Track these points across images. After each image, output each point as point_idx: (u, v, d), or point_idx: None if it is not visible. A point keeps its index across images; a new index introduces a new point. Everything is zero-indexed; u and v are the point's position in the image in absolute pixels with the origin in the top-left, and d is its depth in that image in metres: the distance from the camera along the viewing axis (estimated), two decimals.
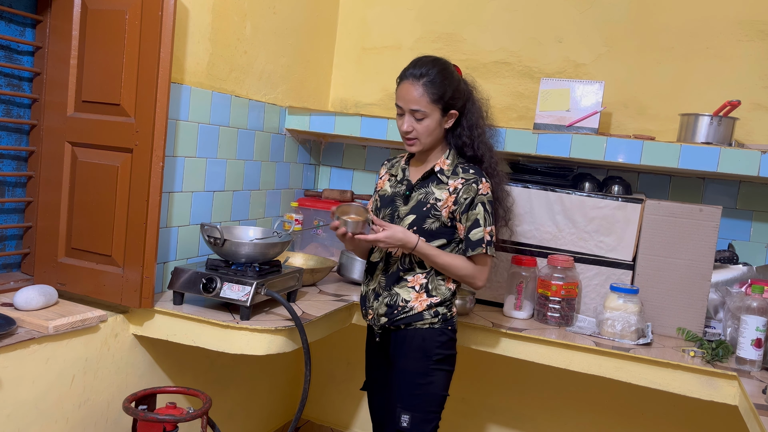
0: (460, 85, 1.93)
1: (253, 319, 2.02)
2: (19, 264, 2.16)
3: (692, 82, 2.63)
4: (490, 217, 1.91)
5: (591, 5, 2.77)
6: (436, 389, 1.94)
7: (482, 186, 1.91)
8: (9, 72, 2.03)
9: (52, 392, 1.87)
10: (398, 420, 1.91)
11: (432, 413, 1.94)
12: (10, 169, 2.08)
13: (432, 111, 1.89)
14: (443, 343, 1.94)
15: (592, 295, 2.39)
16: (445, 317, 1.96)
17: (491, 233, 1.91)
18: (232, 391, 2.73)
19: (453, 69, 1.94)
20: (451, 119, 1.93)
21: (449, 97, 1.89)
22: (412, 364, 1.93)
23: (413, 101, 1.87)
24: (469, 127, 1.95)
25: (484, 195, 1.91)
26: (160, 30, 1.90)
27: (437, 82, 1.87)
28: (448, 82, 1.89)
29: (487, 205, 1.91)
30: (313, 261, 2.69)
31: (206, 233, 2.11)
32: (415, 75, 1.87)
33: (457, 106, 1.92)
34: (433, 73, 1.87)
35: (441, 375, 1.95)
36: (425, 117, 1.88)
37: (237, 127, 2.52)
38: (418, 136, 1.91)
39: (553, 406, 2.84)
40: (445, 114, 1.91)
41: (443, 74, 1.89)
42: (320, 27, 3.06)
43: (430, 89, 1.86)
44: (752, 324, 1.99)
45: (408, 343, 1.93)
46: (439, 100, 1.88)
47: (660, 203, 2.31)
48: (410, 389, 1.92)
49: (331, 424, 3.23)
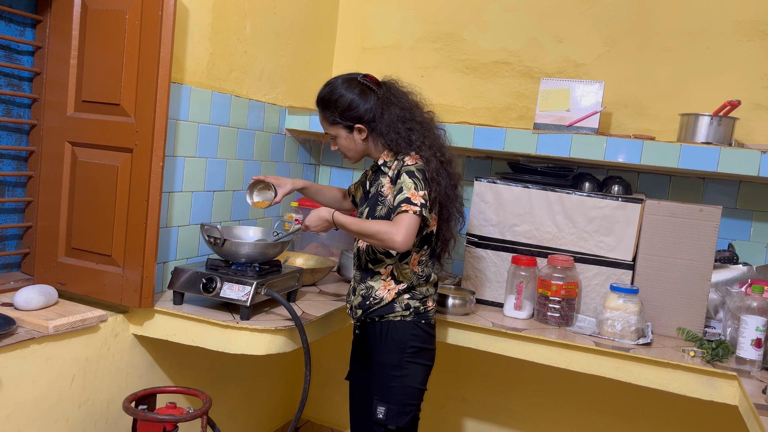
0: (354, 101, 1.95)
1: (253, 319, 2.02)
2: (19, 264, 2.16)
3: (692, 82, 2.63)
4: (421, 182, 1.86)
5: (591, 5, 2.77)
6: (411, 382, 1.95)
7: (408, 158, 1.92)
8: (9, 72, 2.03)
9: (52, 392, 1.87)
10: (375, 412, 1.95)
11: (408, 406, 1.95)
12: (10, 169, 2.08)
13: (336, 132, 2.01)
14: (417, 336, 1.96)
15: (592, 295, 2.39)
16: (418, 311, 1.97)
17: (424, 197, 1.85)
18: (232, 391, 2.73)
19: (342, 87, 1.97)
20: (361, 132, 1.98)
21: (342, 116, 1.96)
22: (387, 357, 1.96)
23: (322, 126, 2.04)
24: (387, 132, 1.94)
25: (410, 165, 1.90)
26: (160, 30, 1.90)
27: (327, 107, 1.98)
28: (335, 103, 1.96)
29: (416, 173, 1.88)
30: (313, 261, 2.69)
31: (206, 233, 2.11)
32: (316, 102, 2.02)
33: (361, 120, 1.96)
34: (322, 99, 1.99)
35: (416, 368, 1.96)
36: (336, 137, 2.02)
37: (237, 127, 2.52)
38: (343, 153, 2.05)
39: (553, 406, 2.84)
40: (351, 130, 1.98)
41: (329, 97, 1.97)
42: (320, 27, 3.06)
43: (324, 115, 2.01)
44: (752, 324, 1.99)
45: (383, 336, 1.97)
46: (333, 123, 1.99)
47: (660, 203, 2.31)
48: (386, 381, 1.95)
49: (331, 424, 3.23)
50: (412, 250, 1.96)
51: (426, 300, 2.00)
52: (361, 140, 1.99)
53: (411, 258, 1.97)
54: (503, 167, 2.87)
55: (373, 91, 1.98)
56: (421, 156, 1.93)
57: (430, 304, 2.01)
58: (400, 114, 1.95)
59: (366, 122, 1.96)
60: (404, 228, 1.81)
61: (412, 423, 1.97)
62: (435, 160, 1.94)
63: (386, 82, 2.03)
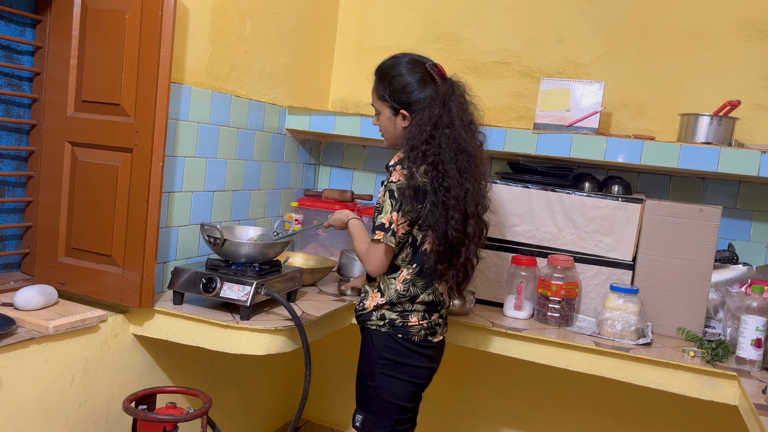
0: (410, 85, 1.85)
1: (253, 319, 2.02)
2: (19, 264, 2.16)
3: (692, 82, 2.63)
4: (396, 202, 1.79)
5: (591, 5, 2.77)
6: (388, 396, 1.87)
7: (394, 174, 1.83)
8: (9, 72, 2.03)
9: (52, 392, 1.87)
10: (354, 418, 1.93)
11: (385, 419, 1.88)
12: (10, 169, 2.08)
13: (381, 108, 1.93)
14: (391, 348, 1.87)
15: (592, 295, 2.39)
16: (393, 323, 1.87)
17: (390, 220, 1.79)
18: (232, 391, 2.73)
19: (404, 66, 1.87)
20: (405, 119, 1.88)
21: (392, 95, 1.88)
22: (361, 364, 1.93)
23: (372, 97, 1.96)
24: (422, 130, 1.81)
25: (392, 182, 1.82)
26: (160, 30, 1.90)
27: (382, 79, 1.90)
28: (391, 80, 1.87)
29: (395, 192, 1.80)
30: (313, 261, 2.69)
31: (206, 233, 2.11)
32: (375, 71, 1.94)
33: (409, 107, 1.86)
34: (381, 70, 1.92)
35: (392, 382, 1.87)
36: (379, 113, 1.95)
37: (237, 127, 2.52)
38: (382, 131, 1.98)
39: (553, 406, 2.84)
40: (396, 113, 1.89)
41: (388, 71, 1.89)
42: (320, 27, 3.06)
43: (375, 86, 1.93)
44: (752, 324, 1.99)
45: (363, 343, 1.94)
46: (382, 98, 1.91)
47: (660, 203, 2.31)
48: (362, 389, 1.93)
49: (331, 424, 3.24)
50: (401, 266, 1.88)
51: (408, 315, 1.87)
52: (402, 127, 1.89)
53: (398, 274, 1.89)
54: (503, 167, 2.87)
55: (435, 83, 1.86)
56: (407, 171, 1.79)
57: (413, 319, 1.87)
58: (446, 121, 1.80)
59: (413, 111, 1.86)
60: (373, 257, 1.85)
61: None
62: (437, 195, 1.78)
63: (453, 80, 1.89)
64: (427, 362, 1.92)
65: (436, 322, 1.93)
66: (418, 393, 1.94)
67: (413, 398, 1.93)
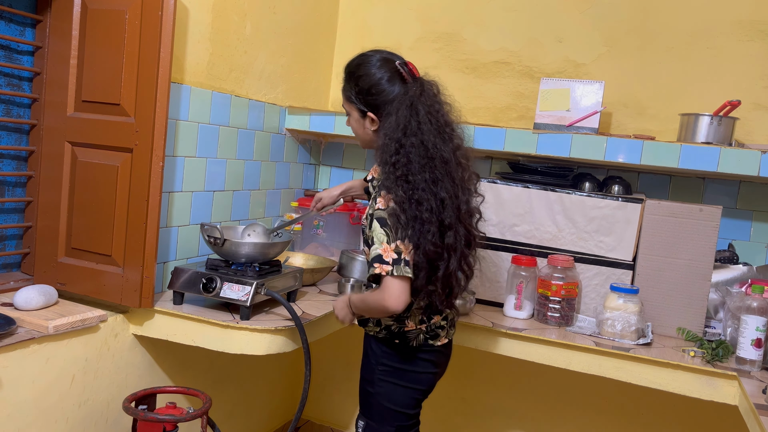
0: (378, 86, 1.72)
1: (253, 319, 2.02)
2: (19, 264, 2.16)
3: (692, 82, 2.63)
4: (393, 231, 1.61)
5: (591, 5, 2.77)
6: (389, 403, 1.81)
7: (379, 200, 1.65)
8: (9, 72, 2.03)
9: (52, 392, 1.87)
10: (356, 424, 1.90)
11: (386, 425, 1.82)
12: (10, 169, 2.08)
13: (350, 109, 1.81)
14: (389, 354, 1.80)
15: (592, 295, 2.39)
16: (390, 329, 1.79)
17: (396, 250, 1.60)
18: (232, 391, 2.73)
19: (373, 65, 1.74)
20: (373, 123, 1.76)
21: (357, 97, 1.75)
22: (362, 369, 1.89)
23: (342, 97, 1.84)
24: (391, 137, 1.66)
25: (380, 210, 1.63)
26: (160, 30, 1.90)
27: (349, 79, 1.78)
28: (357, 80, 1.74)
29: (387, 219, 1.61)
30: (313, 261, 2.69)
31: (206, 233, 2.11)
32: (344, 68, 1.82)
33: (377, 110, 1.73)
34: (349, 68, 1.80)
35: (393, 388, 1.81)
36: (349, 115, 1.83)
37: (237, 127, 2.52)
38: (354, 133, 1.87)
39: (553, 406, 2.84)
40: (364, 115, 1.77)
41: (355, 71, 1.76)
42: (320, 27, 3.06)
43: (343, 86, 1.81)
44: (752, 324, 1.99)
45: (364, 347, 1.90)
46: (349, 99, 1.79)
47: (660, 203, 2.31)
48: (363, 395, 1.88)
49: (331, 424, 3.23)
50: None
51: (404, 320, 1.78)
52: (371, 130, 1.78)
53: None
54: (503, 167, 2.87)
55: (405, 83, 1.72)
56: (394, 195, 1.63)
57: (410, 324, 1.78)
58: (413, 127, 1.64)
59: (381, 115, 1.72)
60: (387, 292, 1.59)
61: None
62: (410, 209, 1.61)
63: (424, 80, 1.73)
64: (430, 367, 1.84)
65: (438, 325, 1.83)
66: (421, 399, 1.87)
67: (416, 405, 1.85)
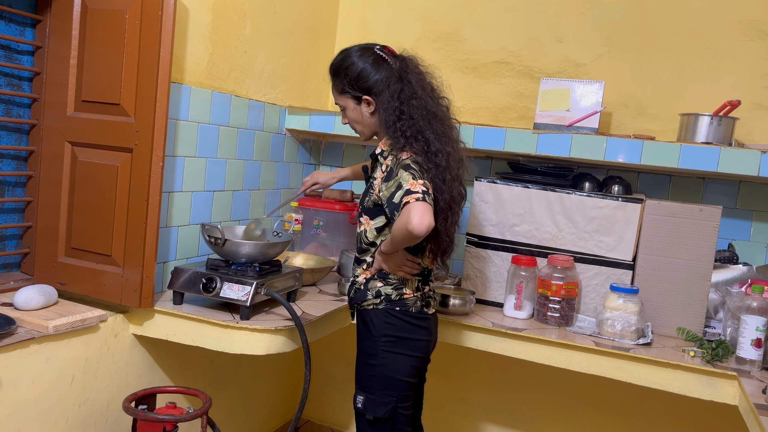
0: (365, 70, 1.89)
1: (253, 319, 2.02)
2: (19, 264, 2.16)
3: (692, 82, 2.63)
4: (419, 172, 1.76)
5: (591, 5, 2.77)
6: (391, 372, 1.86)
7: (403, 153, 1.82)
8: (9, 72, 2.03)
9: (52, 392, 1.87)
10: (355, 400, 1.91)
11: (387, 396, 1.85)
12: (10, 168, 2.08)
13: (344, 102, 1.96)
14: (391, 324, 1.87)
15: (592, 295, 2.39)
16: (389, 298, 1.88)
17: (424, 185, 1.73)
18: (232, 391, 2.73)
19: (355, 55, 1.91)
20: (369, 105, 1.91)
21: (351, 85, 1.91)
22: (364, 345, 1.92)
23: (333, 96, 1.98)
24: (390, 108, 1.84)
25: (405, 159, 1.80)
26: (160, 30, 1.90)
27: (337, 74, 1.93)
28: (345, 71, 1.91)
29: (412, 165, 1.77)
30: (313, 261, 2.69)
31: (206, 233, 2.11)
32: (328, 70, 1.97)
33: (370, 92, 1.89)
34: (334, 66, 1.95)
35: (396, 358, 1.87)
36: (344, 108, 1.97)
37: (237, 127, 2.52)
38: (353, 127, 2.00)
39: (553, 406, 2.84)
40: (359, 101, 1.92)
41: (340, 64, 1.92)
42: (320, 27, 3.06)
43: (334, 83, 1.96)
44: (752, 324, 1.99)
45: (362, 324, 1.93)
46: (342, 92, 1.94)
47: (660, 203, 2.31)
48: (364, 370, 1.90)
49: (331, 424, 3.23)
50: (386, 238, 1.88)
51: (402, 287, 1.89)
52: (369, 114, 1.92)
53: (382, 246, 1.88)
54: (503, 167, 2.87)
55: (388, 63, 1.90)
56: (414, 151, 1.82)
57: (407, 291, 1.89)
58: (408, 93, 1.84)
59: (375, 94, 1.89)
60: (412, 212, 1.68)
61: (392, 415, 1.86)
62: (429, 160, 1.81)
63: (404, 56, 1.93)
64: (426, 335, 1.93)
65: (428, 295, 1.96)
66: (420, 367, 1.93)
67: (415, 373, 1.92)
